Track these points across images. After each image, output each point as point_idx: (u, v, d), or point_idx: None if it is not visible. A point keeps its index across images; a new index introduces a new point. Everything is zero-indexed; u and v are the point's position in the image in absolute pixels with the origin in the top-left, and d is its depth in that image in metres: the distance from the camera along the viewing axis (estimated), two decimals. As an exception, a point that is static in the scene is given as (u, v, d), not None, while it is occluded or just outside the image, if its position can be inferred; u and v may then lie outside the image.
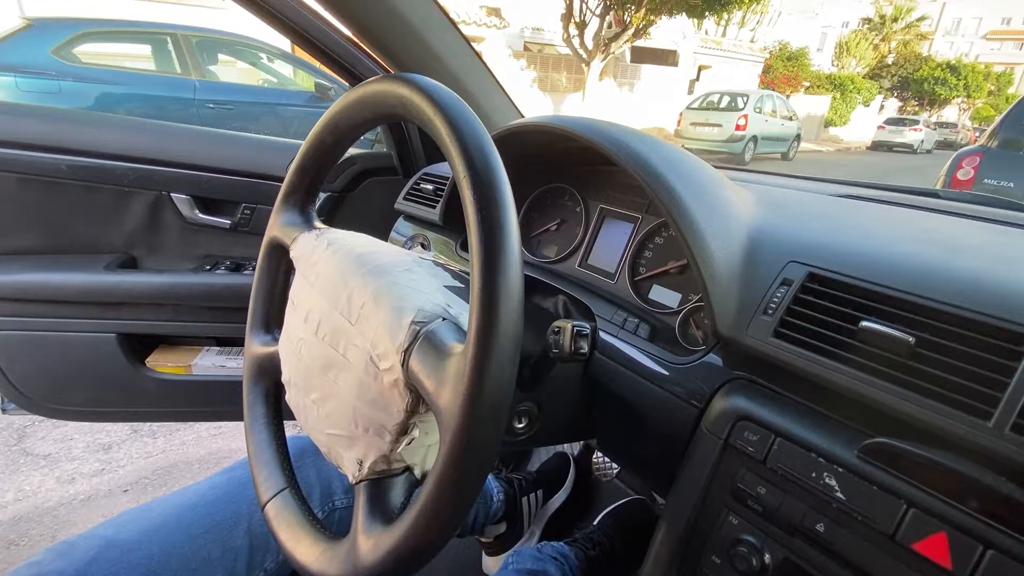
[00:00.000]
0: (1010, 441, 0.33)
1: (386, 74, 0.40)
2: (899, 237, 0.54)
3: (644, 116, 12.90)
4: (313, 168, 0.50)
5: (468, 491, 0.30)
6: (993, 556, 0.32)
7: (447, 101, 0.34)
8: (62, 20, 3.73)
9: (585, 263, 0.76)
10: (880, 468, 0.37)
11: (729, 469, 0.46)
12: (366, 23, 0.85)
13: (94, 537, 0.49)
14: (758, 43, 17.93)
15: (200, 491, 0.58)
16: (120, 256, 1.03)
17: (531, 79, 12.78)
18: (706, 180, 0.58)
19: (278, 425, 0.50)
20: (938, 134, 17.80)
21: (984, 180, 3.00)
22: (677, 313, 0.62)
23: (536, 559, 0.79)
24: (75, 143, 0.95)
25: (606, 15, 10.65)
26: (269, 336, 0.54)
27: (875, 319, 0.42)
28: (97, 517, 1.26)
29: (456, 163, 0.32)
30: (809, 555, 0.40)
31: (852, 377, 0.41)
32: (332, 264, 0.44)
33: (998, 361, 0.36)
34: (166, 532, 0.52)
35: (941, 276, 0.43)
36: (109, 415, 1.14)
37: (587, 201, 0.79)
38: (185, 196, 1.03)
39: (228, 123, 3.99)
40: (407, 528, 0.31)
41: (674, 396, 0.53)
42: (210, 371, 1.08)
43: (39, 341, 1.00)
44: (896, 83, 25.47)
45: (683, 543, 0.48)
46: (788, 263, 0.49)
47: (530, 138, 0.71)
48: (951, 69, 24.34)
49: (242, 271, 1.08)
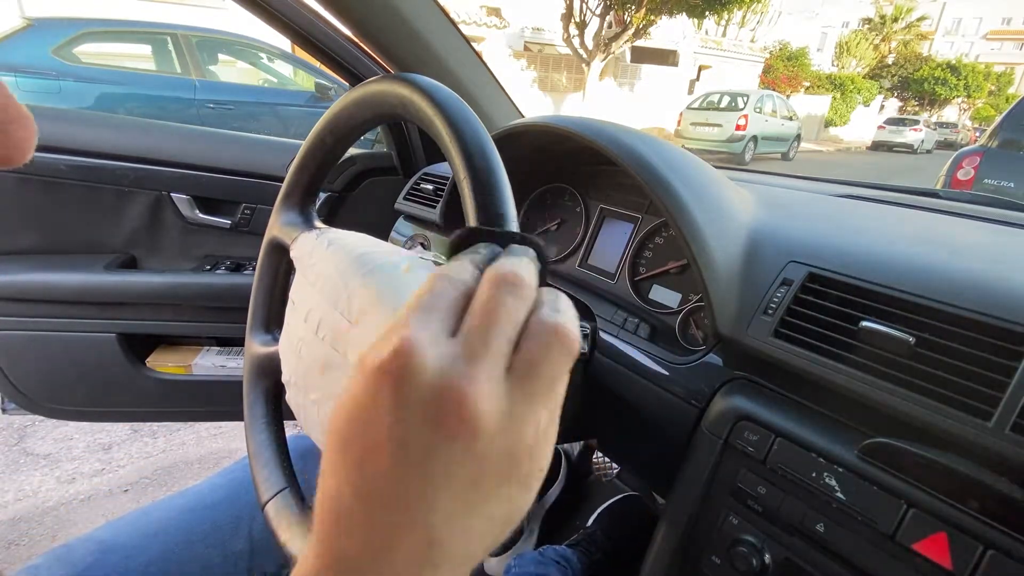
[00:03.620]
0: (1010, 441, 0.33)
1: (386, 74, 0.40)
2: (899, 237, 0.54)
3: (644, 116, 12.89)
4: (313, 168, 0.50)
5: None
6: (993, 556, 0.32)
7: (447, 101, 0.34)
8: (62, 20, 3.73)
9: (585, 263, 0.76)
10: (880, 468, 0.37)
11: (729, 469, 0.46)
12: (366, 23, 0.85)
13: (92, 541, 0.49)
14: (758, 43, 17.92)
15: (199, 493, 0.57)
16: (120, 256, 1.03)
17: (531, 79, 12.77)
18: (706, 180, 0.58)
19: (278, 425, 0.50)
20: (938, 134, 17.80)
21: (984, 180, 3.01)
22: (677, 313, 0.62)
23: (539, 563, 0.79)
24: (75, 143, 0.95)
25: (606, 15, 10.66)
26: (269, 336, 0.54)
27: (875, 319, 0.42)
28: (97, 517, 1.26)
29: (456, 163, 0.32)
30: (809, 555, 0.40)
31: (852, 377, 0.41)
32: (332, 264, 0.44)
33: (998, 361, 0.36)
34: (165, 536, 0.51)
35: (941, 276, 0.43)
36: (109, 415, 1.14)
37: (587, 201, 0.79)
38: (185, 196, 1.03)
39: (228, 123, 3.99)
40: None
41: (674, 396, 0.53)
42: (210, 371, 1.08)
43: (39, 341, 1.00)
44: (896, 83, 25.47)
45: (683, 543, 0.48)
46: (788, 263, 0.49)
47: (530, 138, 0.71)
48: (951, 69, 24.35)
49: (242, 271, 1.08)
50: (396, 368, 0.17)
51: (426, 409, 0.17)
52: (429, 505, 0.18)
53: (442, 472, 0.17)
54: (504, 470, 0.19)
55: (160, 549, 0.50)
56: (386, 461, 0.17)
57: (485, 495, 0.18)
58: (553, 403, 0.20)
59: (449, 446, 0.17)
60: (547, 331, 0.20)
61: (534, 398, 0.19)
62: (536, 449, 0.20)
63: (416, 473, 0.17)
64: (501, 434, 0.18)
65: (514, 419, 0.19)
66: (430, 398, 0.17)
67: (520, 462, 0.19)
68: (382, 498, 0.17)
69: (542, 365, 0.19)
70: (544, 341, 0.20)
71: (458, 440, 0.17)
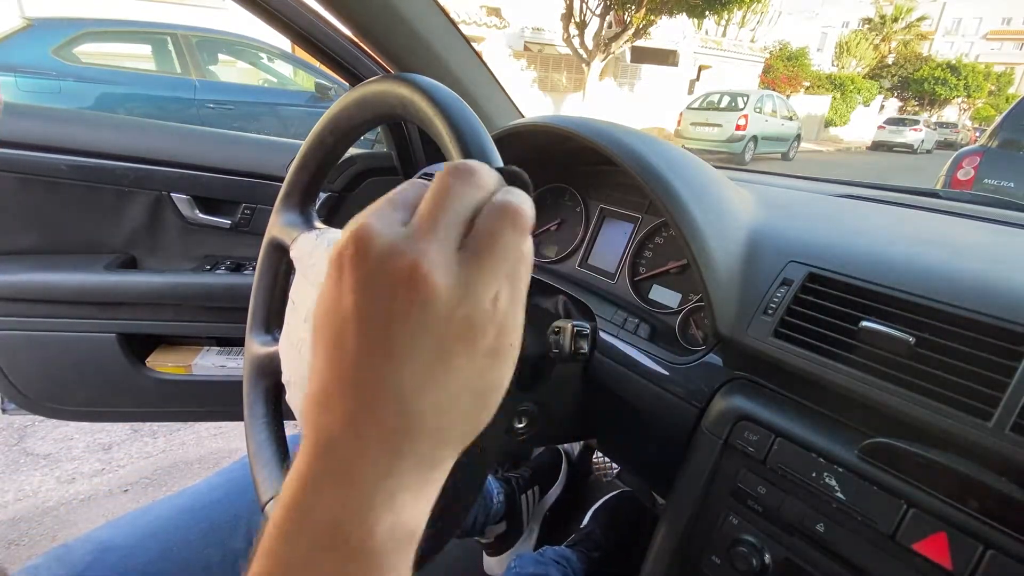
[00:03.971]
0: (1010, 441, 0.33)
1: (386, 74, 0.40)
2: (899, 237, 0.54)
3: (644, 116, 12.89)
4: (313, 168, 0.50)
5: (468, 491, 0.30)
6: (993, 556, 0.32)
7: (447, 101, 0.34)
8: (62, 20, 3.73)
9: (585, 263, 0.76)
10: (880, 468, 0.37)
11: (729, 469, 0.46)
12: (366, 23, 0.85)
13: (91, 541, 0.49)
14: (758, 43, 17.92)
15: (198, 493, 0.57)
16: (120, 256, 1.03)
17: (531, 79, 12.77)
18: (706, 180, 0.58)
19: (278, 425, 0.50)
20: (938, 134, 17.79)
21: (984, 180, 3.01)
22: (677, 313, 0.62)
23: (538, 563, 0.79)
24: (75, 143, 0.95)
25: (606, 15, 10.66)
26: (269, 336, 0.54)
27: (875, 319, 0.42)
28: (97, 517, 1.26)
29: (456, 163, 0.32)
30: (809, 555, 0.40)
31: (852, 377, 0.41)
32: (332, 264, 0.43)
33: (998, 361, 0.36)
34: (163, 536, 0.51)
35: (941, 276, 0.43)
36: (109, 415, 1.14)
37: (587, 201, 0.79)
38: (185, 196, 1.03)
39: (228, 123, 3.99)
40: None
41: (674, 396, 0.53)
42: (210, 371, 1.08)
43: (39, 341, 1.00)
44: (896, 83, 25.47)
45: (683, 543, 0.48)
46: (788, 263, 0.49)
47: (530, 138, 0.71)
48: (951, 69, 24.34)
49: (242, 271, 1.08)
50: (352, 251, 0.19)
51: (381, 283, 0.18)
52: (397, 376, 0.19)
53: (405, 343, 0.18)
54: (466, 337, 0.19)
55: (159, 549, 0.50)
56: (353, 338, 0.19)
57: (452, 365, 0.19)
58: (513, 278, 0.21)
59: (406, 316, 0.18)
60: (497, 209, 0.21)
61: (486, 269, 0.20)
62: (502, 321, 0.20)
63: (380, 346, 0.18)
64: (456, 301, 0.19)
65: (468, 287, 0.19)
66: (384, 272, 0.18)
67: (482, 330, 0.20)
68: (354, 373, 0.19)
69: (493, 238, 0.20)
70: (495, 218, 0.21)
71: (413, 308, 0.18)
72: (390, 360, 0.18)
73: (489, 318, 0.20)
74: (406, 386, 0.19)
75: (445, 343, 0.19)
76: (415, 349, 0.19)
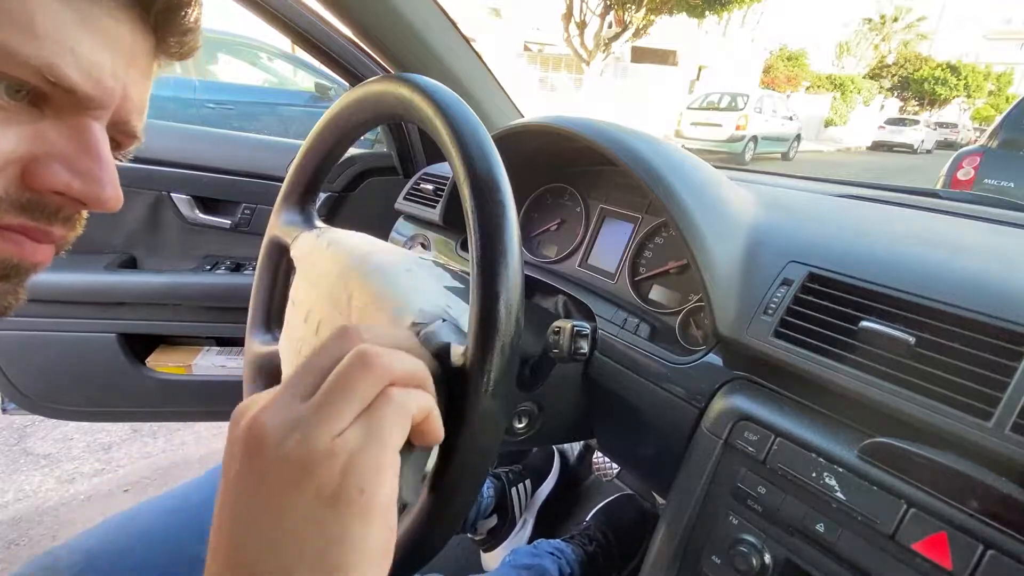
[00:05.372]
0: (1010, 441, 0.33)
1: (386, 74, 0.40)
2: (899, 237, 0.54)
3: (644, 116, 12.89)
4: (313, 168, 0.50)
5: (467, 491, 0.30)
6: (993, 556, 0.32)
7: (447, 101, 0.34)
8: (62, 20, 3.72)
9: (585, 263, 0.76)
10: (880, 468, 0.37)
11: (729, 469, 0.46)
12: (366, 23, 0.85)
13: (78, 551, 0.48)
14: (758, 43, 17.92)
15: (185, 494, 0.56)
16: (120, 256, 1.03)
17: (531, 79, 12.77)
18: (706, 180, 0.58)
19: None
20: (938, 134, 17.80)
21: (984, 180, 3.01)
22: (677, 313, 0.62)
23: (532, 555, 0.80)
24: (75, 143, 0.95)
25: (606, 15, 10.66)
26: (269, 336, 0.54)
27: (875, 319, 0.42)
28: (97, 517, 1.26)
29: (456, 163, 0.32)
30: (809, 555, 0.40)
31: (852, 377, 0.41)
32: (332, 264, 0.44)
33: (998, 361, 0.36)
34: (150, 540, 0.50)
35: (941, 276, 0.43)
36: (109, 415, 1.14)
37: (587, 201, 0.79)
38: (185, 196, 1.03)
39: (228, 123, 3.99)
40: (405, 530, 0.31)
41: (674, 396, 0.53)
42: (210, 371, 1.08)
43: (39, 341, 1.00)
44: (896, 83, 25.47)
45: (683, 543, 0.48)
46: (788, 263, 0.49)
47: (530, 138, 0.71)
48: (951, 69, 24.35)
49: (242, 271, 1.08)
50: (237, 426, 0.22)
51: (235, 442, 0.22)
52: (232, 515, 0.20)
53: (239, 485, 0.20)
54: (294, 479, 0.20)
55: (147, 552, 0.49)
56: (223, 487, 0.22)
57: (280, 507, 0.20)
58: (370, 420, 0.21)
59: (242, 460, 0.21)
60: (351, 357, 0.22)
61: (325, 405, 0.21)
62: (348, 462, 0.20)
63: (227, 491, 0.21)
64: (288, 442, 0.20)
65: (298, 422, 0.20)
66: (238, 433, 0.22)
67: (316, 472, 0.20)
68: (218, 515, 0.21)
69: (335, 382, 0.21)
70: (346, 362, 0.22)
71: (248, 453, 0.20)
72: (227, 502, 0.21)
73: (326, 455, 0.20)
74: (239, 526, 0.20)
75: (268, 482, 0.20)
76: (244, 489, 0.20)
